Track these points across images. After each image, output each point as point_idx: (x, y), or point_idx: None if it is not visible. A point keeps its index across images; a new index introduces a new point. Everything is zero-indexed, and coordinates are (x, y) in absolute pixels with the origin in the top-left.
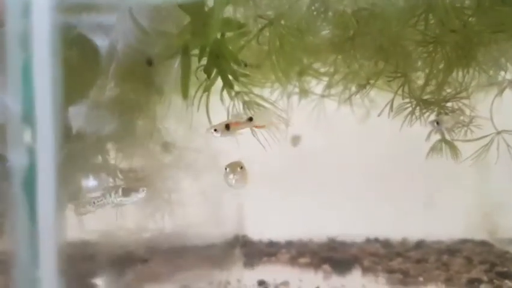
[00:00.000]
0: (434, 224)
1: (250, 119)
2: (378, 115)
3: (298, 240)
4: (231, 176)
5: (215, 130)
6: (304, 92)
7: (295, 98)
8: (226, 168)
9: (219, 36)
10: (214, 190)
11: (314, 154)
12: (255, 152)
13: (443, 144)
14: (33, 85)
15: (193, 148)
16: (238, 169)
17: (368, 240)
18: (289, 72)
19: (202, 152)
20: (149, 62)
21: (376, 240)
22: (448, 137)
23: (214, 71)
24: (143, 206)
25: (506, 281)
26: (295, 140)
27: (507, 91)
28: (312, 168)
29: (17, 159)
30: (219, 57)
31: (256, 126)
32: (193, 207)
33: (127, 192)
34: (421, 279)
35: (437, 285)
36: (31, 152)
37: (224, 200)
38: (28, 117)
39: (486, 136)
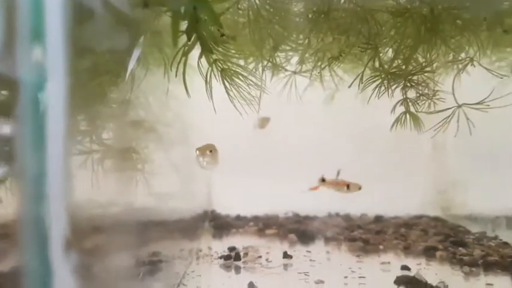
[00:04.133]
0: (392, 201)
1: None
2: (349, 86)
3: (264, 215)
4: (201, 159)
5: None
6: (276, 68)
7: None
8: (196, 151)
9: None
10: (184, 165)
11: (282, 133)
12: (227, 128)
13: (407, 116)
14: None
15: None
16: (208, 152)
17: (330, 215)
18: (264, 46)
19: (172, 125)
20: (145, 4)
21: (337, 215)
22: (412, 109)
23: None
24: (115, 178)
25: (460, 248)
26: (264, 121)
27: (469, 67)
28: (279, 147)
29: (26, 77)
30: (198, 21)
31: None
32: (163, 180)
33: None
34: (381, 247)
35: (396, 252)
36: (41, 70)
37: (194, 176)
38: (38, 34)
39: (448, 109)
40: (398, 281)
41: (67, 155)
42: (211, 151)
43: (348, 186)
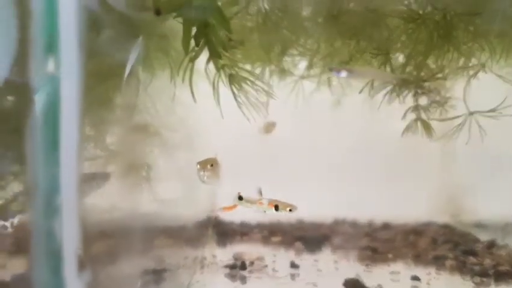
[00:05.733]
0: (400, 207)
1: None
2: (359, 92)
3: (269, 221)
4: (202, 173)
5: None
6: (284, 72)
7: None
8: (197, 165)
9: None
10: (188, 170)
11: (287, 139)
12: (232, 132)
13: (418, 123)
14: (57, 12)
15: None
16: (208, 166)
17: (336, 222)
18: (272, 50)
19: (178, 130)
20: (158, 12)
21: (344, 221)
22: (423, 116)
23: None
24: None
25: (470, 257)
26: (270, 126)
27: (480, 73)
28: (284, 152)
29: (40, 88)
30: (207, 26)
31: None
32: (167, 186)
33: None
34: (390, 256)
35: (406, 261)
36: (55, 81)
37: (198, 181)
38: (52, 46)
39: (459, 116)
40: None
41: (80, 169)
42: (212, 165)
43: (276, 207)
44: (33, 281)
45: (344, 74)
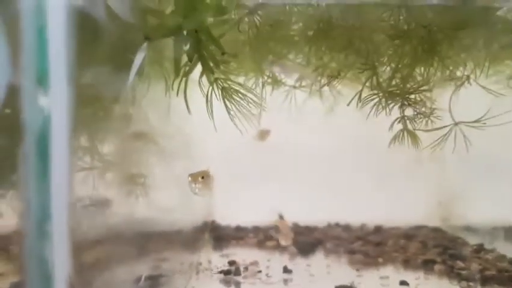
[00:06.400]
0: (391, 211)
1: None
2: (348, 104)
3: (264, 226)
4: (193, 185)
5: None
6: (276, 83)
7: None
8: (188, 177)
9: (209, 20)
10: (185, 177)
11: (282, 145)
12: (227, 139)
13: (405, 133)
14: (47, 46)
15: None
16: (200, 179)
17: (330, 226)
18: (264, 62)
19: (174, 139)
20: (147, 38)
21: (337, 225)
22: (409, 126)
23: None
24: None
25: (458, 262)
26: (264, 133)
27: (465, 85)
28: (278, 158)
29: (31, 122)
30: (200, 42)
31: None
32: (163, 193)
33: None
34: (380, 260)
35: (395, 266)
36: (45, 114)
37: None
38: (43, 79)
39: (445, 127)
40: None
41: (72, 196)
42: (203, 177)
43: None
44: None
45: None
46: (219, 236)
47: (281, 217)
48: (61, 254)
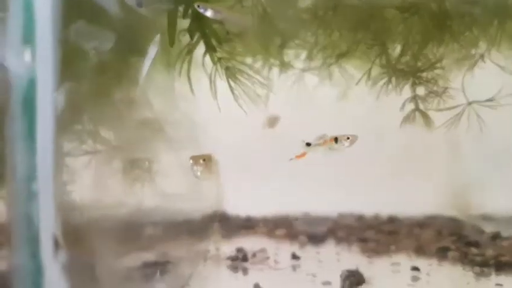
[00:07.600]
0: (406, 201)
1: None
2: (356, 84)
3: (274, 215)
4: (195, 168)
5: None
6: (284, 66)
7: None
8: (190, 159)
9: None
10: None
11: (292, 132)
12: (235, 127)
13: (416, 113)
14: (33, 6)
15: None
16: (201, 161)
17: (342, 215)
18: (271, 43)
19: (182, 125)
20: (139, 3)
21: (350, 215)
22: (421, 106)
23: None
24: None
25: (473, 248)
26: (274, 120)
27: (479, 63)
28: (289, 146)
29: (17, 80)
30: (201, 19)
31: None
32: (172, 181)
33: None
34: (393, 247)
35: (408, 253)
36: (31, 71)
37: None
38: (28, 37)
39: (457, 106)
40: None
41: (57, 155)
42: (204, 160)
43: (336, 139)
44: (13, 265)
45: (209, 12)
46: (228, 225)
47: None
48: (47, 213)
